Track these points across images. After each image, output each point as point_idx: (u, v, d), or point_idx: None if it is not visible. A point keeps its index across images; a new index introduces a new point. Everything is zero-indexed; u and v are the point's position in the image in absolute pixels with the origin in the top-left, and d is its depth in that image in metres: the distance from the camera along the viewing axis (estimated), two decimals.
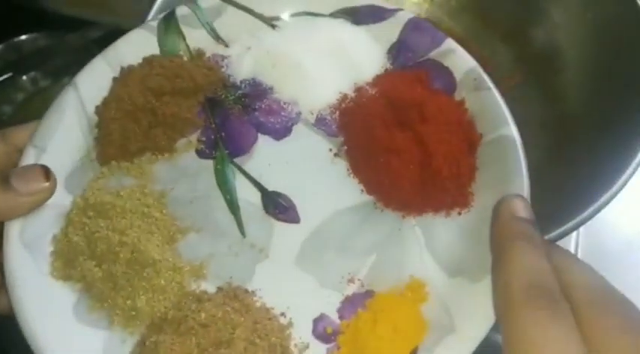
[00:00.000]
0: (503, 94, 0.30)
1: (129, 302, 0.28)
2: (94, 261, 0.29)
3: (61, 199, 0.31)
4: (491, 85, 0.31)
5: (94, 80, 0.34)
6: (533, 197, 0.28)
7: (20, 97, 0.44)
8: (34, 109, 0.31)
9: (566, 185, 0.38)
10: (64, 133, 0.32)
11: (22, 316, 0.27)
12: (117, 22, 0.36)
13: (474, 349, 0.25)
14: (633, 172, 0.34)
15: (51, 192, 0.30)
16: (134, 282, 0.28)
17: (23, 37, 0.44)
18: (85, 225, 0.30)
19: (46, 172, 0.29)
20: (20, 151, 0.31)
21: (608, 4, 0.42)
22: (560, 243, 0.41)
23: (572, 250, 0.46)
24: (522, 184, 0.28)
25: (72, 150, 0.33)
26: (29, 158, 0.31)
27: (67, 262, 0.30)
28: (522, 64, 0.48)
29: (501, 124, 0.30)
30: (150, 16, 0.37)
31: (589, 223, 0.35)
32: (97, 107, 0.34)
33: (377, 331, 0.26)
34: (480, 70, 0.32)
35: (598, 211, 0.33)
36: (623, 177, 0.34)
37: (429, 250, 0.29)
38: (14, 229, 0.29)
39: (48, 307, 0.28)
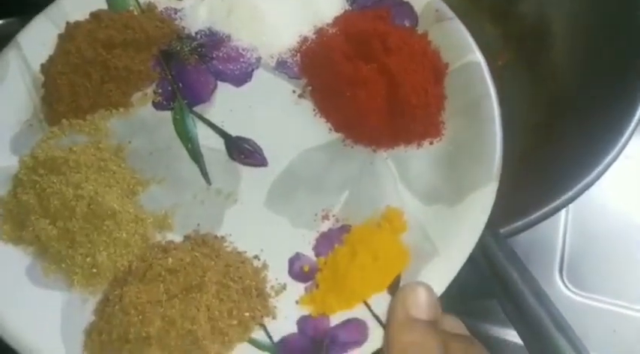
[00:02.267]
0: (493, 74, 0.29)
1: (89, 259, 0.26)
2: (47, 219, 0.27)
3: (7, 161, 0.29)
4: (452, 14, 0.30)
5: (38, 38, 0.32)
6: (522, 176, 0.27)
7: None
8: None
9: (555, 163, 0.38)
10: (8, 94, 0.31)
11: None
12: None
13: (458, 269, 0.24)
14: (621, 150, 0.34)
15: None
16: (93, 237, 0.27)
17: (0, 21, 0.42)
18: (35, 183, 0.28)
19: None
20: None
21: None
22: (550, 221, 0.41)
23: (561, 228, 0.46)
24: (492, 107, 0.27)
25: (18, 111, 0.31)
26: None
27: (18, 223, 0.28)
28: (511, 43, 0.48)
29: (466, 51, 0.29)
30: None
31: (578, 202, 0.35)
32: (43, 65, 0.32)
33: (356, 262, 0.25)
34: (440, 1, 0.31)
35: (586, 188, 0.33)
36: (612, 154, 0.33)
37: (403, 182, 0.28)
38: None
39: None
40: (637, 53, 0.37)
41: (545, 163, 0.39)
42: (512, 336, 0.42)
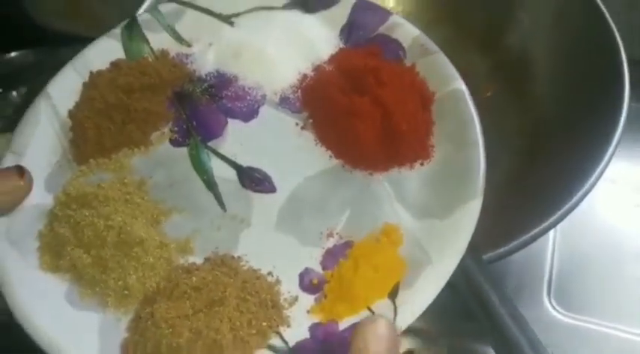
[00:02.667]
0: (480, 104, 0.31)
1: (120, 282, 0.29)
2: (81, 249, 0.30)
3: (43, 199, 0.32)
4: (437, 49, 0.34)
5: (65, 87, 0.35)
6: (510, 200, 0.29)
7: (10, 112, 0.45)
8: None
9: (538, 188, 0.41)
10: (40, 139, 0.34)
11: (17, 310, 0.28)
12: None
13: (449, 276, 0.27)
14: (600, 174, 0.36)
15: (27, 189, 0.31)
16: (124, 262, 0.30)
17: (14, 53, 0.45)
18: (69, 217, 0.31)
19: (20, 171, 0.31)
20: None
21: (576, 13, 0.45)
22: (538, 244, 0.44)
23: (549, 251, 0.48)
24: (475, 130, 0.31)
25: (49, 153, 0.34)
26: (8, 163, 0.32)
27: (55, 254, 0.31)
28: (497, 74, 0.50)
29: (450, 80, 0.33)
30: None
31: (566, 226, 0.37)
32: (70, 111, 0.35)
33: (359, 274, 0.28)
34: (426, 37, 0.35)
35: (568, 212, 0.35)
36: (592, 178, 0.36)
37: (398, 201, 0.31)
38: (0, 227, 0.30)
39: (41, 298, 0.29)
40: (613, 82, 0.40)
41: (529, 188, 0.41)
42: None
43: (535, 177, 0.42)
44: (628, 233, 0.49)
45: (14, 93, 0.46)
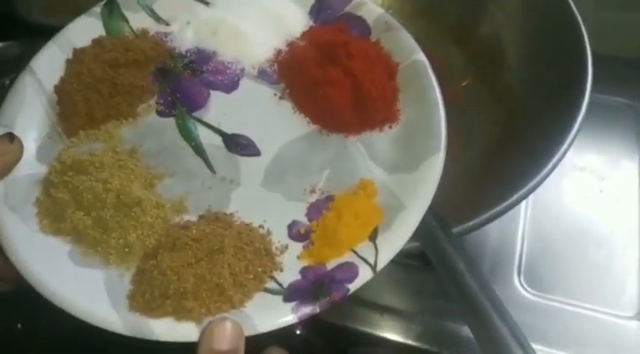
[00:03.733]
0: (457, 92, 0.35)
1: (121, 241, 0.32)
2: (82, 211, 0.32)
3: (35, 169, 0.34)
4: (399, 25, 0.38)
5: (49, 63, 0.37)
6: (480, 179, 0.31)
7: None
8: None
9: (509, 167, 0.44)
10: (28, 112, 0.35)
11: (25, 270, 0.30)
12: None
13: (420, 218, 0.31)
14: (561, 158, 0.39)
15: (18, 153, 0.33)
16: (123, 222, 0.32)
17: None
18: (67, 183, 0.33)
19: (11, 136, 0.32)
20: None
21: (546, 8, 0.48)
22: (509, 228, 0.50)
23: (519, 235, 0.52)
24: (436, 94, 0.35)
25: (38, 126, 0.36)
26: None
27: (54, 218, 0.33)
28: (472, 65, 0.53)
29: (411, 52, 0.37)
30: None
31: (535, 210, 0.40)
32: (57, 86, 0.37)
33: (342, 221, 0.32)
34: (388, 15, 0.38)
35: (535, 188, 0.38)
36: (554, 161, 0.39)
37: (371, 159, 0.35)
38: None
39: (46, 258, 0.31)
40: (578, 73, 0.43)
41: (498, 168, 0.45)
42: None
43: (505, 158, 0.45)
44: (592, 218, 0.53)
45: None
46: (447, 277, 0.33)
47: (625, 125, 0.58)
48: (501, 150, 0.47)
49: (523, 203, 0.53)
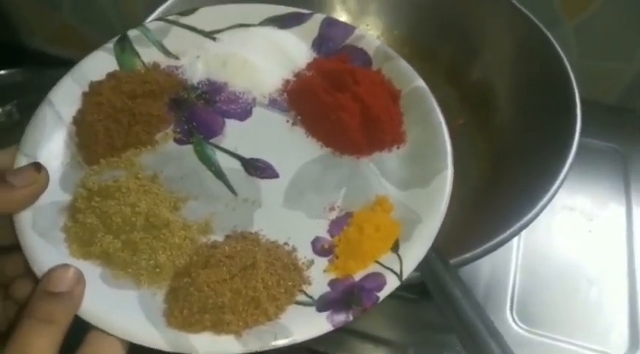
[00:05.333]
0: (453, 130, 0.37)
1: (151, 262, 0.33)
2: (111, 235, 0.33)
3: (60, 197, 0.35)
4: (396, 54, 0.41)
5: (66, 95, 0.38)
6: (475, 214, 0.34)
7: None
8: (7, 141, 0.35)
9: (502, 204, 0.46)
10: (49, 142, 0.36)
11: None
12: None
13: (437, 230, 0.34)
14: (552, 198, 0.41)
15: (44, 182, 0.33)
16: (153, 244, 0.33)
17: (3, 71, 0.46)
18: (95, 208, 0.34)
19: (37, 166, 0.33)
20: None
21: (535, 54, 0.51)
22: (502, 264, 0.53)
23: (512, 271, 0.54)
24: (438, 116, 0.38)
25: (58, 156, 0.37)
26: (22, 164, 0.34)
27: (84, 242, 0.33)
28: (466, 105, 0.57)
29: (412, 79, 0.40)
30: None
31: (527, 248, 0.43)
32: (75, 117, 0.38)
33: (364, 235, 0.34)
34: (386, 46, 0.42)
35: (527, 224, 0.40)
36: (544, 200, 0.41)
37: (384, 177, 0.37)
38: (26, 222, 0.33)
39: None
40: (567, 116, 0.46)
41: (492, 204, 0.47)
42: None
43: (498, 195, 0.48)
44: (582, 257, 0.56)
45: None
46: (443, 303, 0.35)
47: (612, 169, 0.62)
48: (494, 188, 0.50)
49: (515, 240, 0.56)
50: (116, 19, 0.73)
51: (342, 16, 0.63)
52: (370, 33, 0.61)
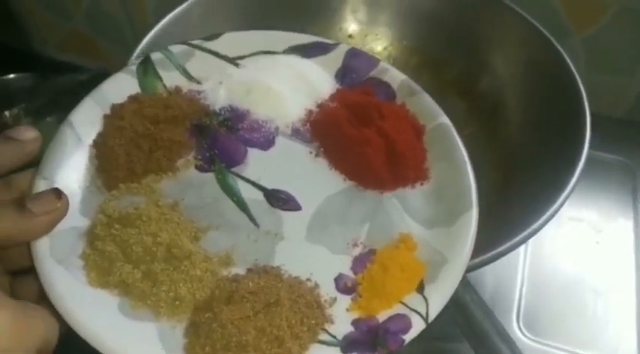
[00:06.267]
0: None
1: (171, 294, 0.32)
2: (130, 265, 0.32)
3: (79, 222, 0.34)
4: (421, 89, 0.41)
5: (86, 118, 0.38)
6: (483, 222, 0.34)
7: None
8: None
9: (509, 213, 0.46)
10: (68, 166, 0.36)
11: (76, 324, 0.30)
12: (103, 66, 0.41)
13: (464, 271, 0.33)
14: (559, 207, 0.42)
15: (64, 209, 0.33)
16: (173, 276, 0.32)
17: (11, 75, 0.46)
18: (115, 236, 0.33)
19: (58, 193, 0.33)
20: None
21: (545, 65, 0.52)
22: (509, 274, 0.52)
23: (518, 281, 0.55)
24: (462, 154, 0.38)
25: (78, 179, 0.36)
26: (41, 188, 0.34)
27: (102, 271, 0.33)
28: (474, 115, 0.57)
29: (436, 116, 0.40)
30: (130, 61, 0.41)
31: (534, 258, 0.42)
32: (95, 141, 0.37)
33: (389, 274, 0.33)
34: (411, 81, 0.42)
35: (533, 233, 0.41)
36: (553, 208, 0.42)
37: (407, 214, 0.37)
38: (43, 248, 0.32)
39: (96, 311, 0.31)
40: (576, 129, 0.47)
41: (499, 213, 0.47)
42: None
43: (505, 204, 0.48)
44: (589, 268, 0.56)
45: (7, 113, 0.46)
46: (454, 308, 0.36)
47: (619, 181, 0.63)
48: (502, 196, 0.50)
49: (522, 251, 0.56)
50: (127, 27, 0.73)
51: (352, 26, 0.63)
52: (379, 42, 0.61)
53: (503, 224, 0.44)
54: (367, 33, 0.64)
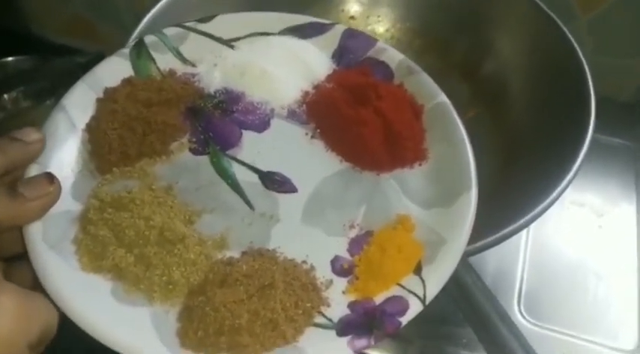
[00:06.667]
0: (463, 124, 0.37)
1: (164, 278, 0.32)
2: (124, 248, 0.32)
3: (72, 206, 0.34)
4: (420, 69, 0.40)
5: (79, 102, 0.37)
6: (484, 205, 0.34)
7: (0, 115, 0.45)
8: (14, 128, 0.34)
9: (511, 197, 0.46)
10: (61, 150, 0.35)
11: (68, 309, 0.29)
12: (101, 49, 0.40)
13: (462, 252, 0.32)
14: (564, 189, 0.41)
15: (56, 194, 0.32)
16: (166, 259, 0.32)
17: (10, 58, 0.45)
18: (107, 220, 0.33)
19: (50, 177, 0.32)
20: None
21: (550, 47, 0.51)
22: (510, 258, 0.52)
23: (519, 265, 0.54)
24: (462, 133, 0.37)
25: (71, 163, 0.35)
26: (34, 173, 0.33)
27: (95, 256, 0.32)
28: (478, 98, 0.56)
29: (435, 95, 0.39)
30: (127, 44, 0.41)
31: (535, 242, 0.43)
32: (88, 124, 0.37)
33: (386, 255, 0.32)
34: (409, 60, 0.41)
35: (535, 218, 0.40)
36: (556, 192, 0.41)
37: (405, 195, 0.36)
38: (36, 233, 0.31)
39: (89, 296, 0.30)
40: (581, 112, 0.46)
41: (501, 197, 0.46)
42: None
43: (509, 187, 0.48)
44: (591, 252, 0.55)
45: (5, 96, 0.46)
46: (455, 290, 0.35)
47: (623, 165, 0.62)
48: (505, 179, 0.49)
49: (523, 234, 0.56)
50: (125, 10, 0.72)
51: (354, 7, 0.62)
52: (382, 24, 0.60)
53: (505, 207, 0.44)
54: (369, 14, 0.63)
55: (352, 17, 0.63)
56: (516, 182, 0.48)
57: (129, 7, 0.74)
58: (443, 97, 0.38)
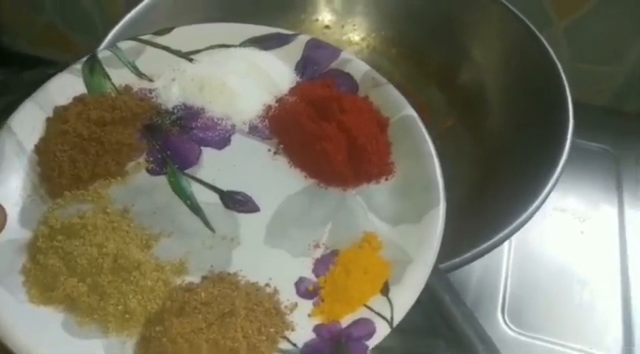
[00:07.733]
0: (438, 137, 0.36)
1: (120, 307, 0.30)
2: (75, 278, 0.30)
3: (19, 234, 0.32)
4: (385, 81, 0.39)
5: (28, 122, 0.35)
6: (463, 219, 0.33)
7: None
8: None
9: (491, 209, 0.45)
10: (8, 174, 0.34)
11: (16, 346, 0.28)
12: (74, 60, 0.38)
13: (429, 271, 0.31)
14: (543, 201, 0.40)
15: (2, 223, 0.31)
16: (122, 288, 0.30)
17: None
18: (57, 248, 0.31)
19: None
20: None
21: (526, 55, 0.51)
22: (493, 267, 0.52)
23: (503, 274, 0.54)
24: (429, 146, 0.36)
25: (19, 188, 0.34)
26: None
27: (44, 287, 0.30)
28: (454, 108, 0.55)
29: (400, 107, 0.38)
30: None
31: (518, 250, 0.43)
32: (37, 146, 0.35)
33: (351, 277, 0.31)
34: (375, 71, 0.40)
35: (516, 230, 0.40)
36: (535, 204, 0.41)
37: (372, 211, 0.35)
38: None
39: (38, 332, 0.29)
40: (559, 119, 0.45)
41: (481, 209, 0.46)
42: None
43: (489, 198, 0.47)
44: (574, 258, 0.55)
45: None
46: (433, 309, 0.34)
47: (604, 170, 0.61)
48: (485, 191, 0.49)
49: (506, 243, 0.54)
50: (99, 20, 0.70)
51: (328, 17, 0.61)
52: (357, 33, 0.59)
53: (486, 220, 0.43)
54: (344, 23, 0.62)
55: (327, 27, 0.62)
56: (497, 192, 0.47)
57: (101, 17, 0.72)
58: (409, 110, 0.37)
